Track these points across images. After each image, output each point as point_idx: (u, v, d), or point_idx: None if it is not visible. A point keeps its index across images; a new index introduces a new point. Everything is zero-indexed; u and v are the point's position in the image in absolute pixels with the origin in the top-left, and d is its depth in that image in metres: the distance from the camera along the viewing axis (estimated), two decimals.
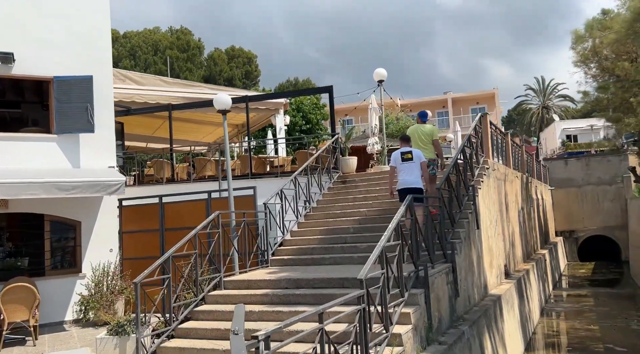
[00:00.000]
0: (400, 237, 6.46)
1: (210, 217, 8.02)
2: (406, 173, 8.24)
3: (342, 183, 12.53)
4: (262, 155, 15.00)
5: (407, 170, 8.26)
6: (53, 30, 10.03)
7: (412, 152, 8.35)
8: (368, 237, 9.35)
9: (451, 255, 8.11)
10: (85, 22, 10.41)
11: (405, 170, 8.27)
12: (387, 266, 5.95)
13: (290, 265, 9.23)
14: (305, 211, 11.05)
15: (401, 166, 8.33)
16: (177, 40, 57.79)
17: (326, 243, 9.65)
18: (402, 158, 8.33)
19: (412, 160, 8.28)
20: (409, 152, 8.36)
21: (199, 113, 17.10)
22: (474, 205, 9.77)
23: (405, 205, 6.88)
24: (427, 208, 7.83)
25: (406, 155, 8.32)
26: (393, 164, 8.52)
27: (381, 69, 16.13)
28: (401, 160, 8.34)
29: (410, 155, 8.31)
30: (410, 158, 8.29)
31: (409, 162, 8.28)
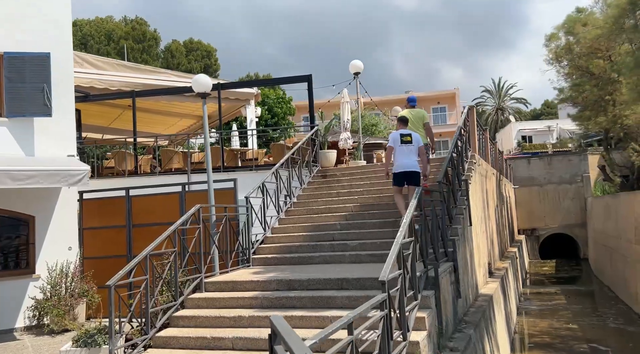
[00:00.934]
0: (413, 233, 5.84)
1: (191, 211, 7.17)
2: (405, 156, 8.05)
3: (323, 177, 11.86)
4: (234, 148, 14.10)
5: (405, 152, 8.07)
6: (3, 1, 8.86)
7: (412, 135, 8.17)
8: (358, 234, 8.73)
9: (452, 253, 7.59)
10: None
11: (403, 153, 8.07)
12: (404, 266, 5.30)
13: (274, 264, 8.47)
14: (287, 207, 10.31)
15: (400, 148, 8.10)
16: (133, 31, 55.43)
17: (313, 240, 8.95)
18: (401, 140, 8.11)
19: (412, 143, 8.10)
20: (408, 135, 8.16)
21: (163, 103, 15.99)
22: (467, 201, 9.33)
23: (416, 198, 6.27)
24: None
25: (406, 138, 8.11)
26: (391, 144, 8.24)
27: (357, 61, 15.59)
28: (400, 142, 8.10)
29: (410, 138, 8.12)
30: (409, 141, 8.10)
31: (408, 145, 8.08)
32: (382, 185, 10.54)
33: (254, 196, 8.98)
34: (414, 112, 9.42)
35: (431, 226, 6.78)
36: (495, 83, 65.04)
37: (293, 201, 10.59)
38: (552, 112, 74.84)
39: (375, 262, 7.81)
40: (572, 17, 14.80)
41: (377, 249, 8.15)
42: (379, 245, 8.20)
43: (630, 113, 12.82)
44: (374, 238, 8.55)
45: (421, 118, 9.39)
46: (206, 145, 8.31)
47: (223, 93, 14.78)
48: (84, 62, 14.24)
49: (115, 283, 5.70)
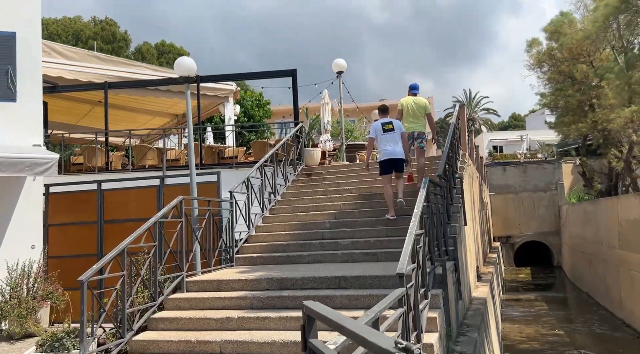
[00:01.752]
0: (424, 226, 5.35)
1: (173, 202, 6.51)
2: (389, 143, 8.09)
3: (307, 175, 11.31)
4: (213, 145, 13.43)
5: (390, 140, 8.11)
6: None
7: (393, 123, 8.22)
8: (349, 232, 8.21)
9: (453, 252, 7.14)
10: None
11: (387, 141, 8.11)
12: (418, 261, 4.80)
13: (261, 263, 7.87)
14: (271, 205, 9.72)
15: (383, 137, 8.15)
16: (102, 31, 53.92)
17: (301, 239, 8.38)
18: (383, 128, 8.14)
19: (394, 131, 8.14)
20: (389, 123, 8.20)
21: (136, 98, 15.19)
22: (462, 199, 8.94)
23: (424, 187, 5.80)
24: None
25: (387, 126, 8.15)
26: (373, 135, 8.26)
27: (340, 60, 15.24)
28: (382, 130, 8.14)
29: (392, 125, 8.17)
30: (391, 129, 8.14)
31: (391, 132, 8.13)
32: (371, 183, 10.08)
33: (239, 191, 8.37)
34: (417, 101, 9.18)
35: (436, 221, 6.32)
36: (467, 94, 66.00)
37: (277, 199, 10.01)
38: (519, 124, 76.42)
39: (369, 261, 7.32)
40: (557, 19, 14.78)
41: (371, 248, 7.66)
42: (372, 244, 7.71)
43: (615, 117, 12.78)
44: (366, 236, 8.05)
45: (423, 108, 9.20)
46: (189, 133, 7.66)
47: (203, 89, 14.13)
48: (52, 51, 13.38)
49: (89, 278, 5.01)
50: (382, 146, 8.17)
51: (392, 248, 7.50)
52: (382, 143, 8.17)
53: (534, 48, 17.17)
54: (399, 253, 7.24)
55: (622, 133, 14.26)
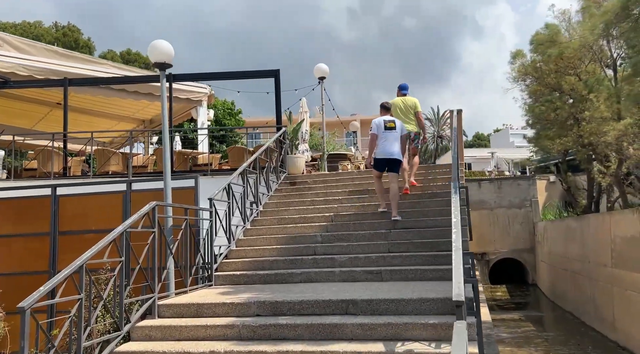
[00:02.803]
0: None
1: (144, 209, 5.39)
2: (389, 142, 7.85)
3: (291, 184, 10.30)
4: (185, 150, 12.27)
5: (389, 139, 7.86)
6: None
7: (396, 122, 7.99)
8: (345, 247, 7.24)
9: (471, 269, 6.23)
10: None
11: (387, 139, 7.85)
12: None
13: (245, 282, 6.78)
14: (253, 216, 8.66)
15: (384, 134, 7.87)
16: (64, 37, 51.78)
17: (290, 254, 7.35)
18: (385, 126, 7.89)
19: (395, 130, 7.91)
20: (392, 121, 7.98)
21: (99, 99, 13.92)
22: (467, 210, 8.13)
23: (456, 192, 4.90)
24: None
25: (390, 124, 7.91)
26: (375, 132, 7.96)
27: (322, 65, 14.41)
28: (384, 128, 7.88)
29: (394, 124, 7.94)
30: (393, 127, 7.91)
31: (392, 131, 7.89)
32: (363, 193, 9.17)
33: (218, 199, 7.29)
34: (406, 101, 9.05)
35: None
36: (434, 111, 66.54)
37: (260, 209, 8.96)
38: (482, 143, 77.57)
39: (373, 280, 6.35)
40: (552, 25, 14.39)
41: (373, 265, 6.71)
42: (374, 260, 6.76)
43: (610, 129, 12.36)
44: (366, 251, 7.09)
45: (413, 106, 9.03)
46: (164, 128, 6.54)
47: (175, 91, 12.99)
48: (4, 43, 12.04)
49: (32, 304, 3.85)
50: (380, 143, 7.87)
51: (396, 266, 6.59)
52: (381, 141, 7.87)
53: (518, 60, 16.83)
54: (406, 272, 6.36)
55: (609, 148, 13.83)
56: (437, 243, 6.95)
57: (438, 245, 6.92)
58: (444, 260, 6.53)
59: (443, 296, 4.83)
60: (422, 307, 4.81)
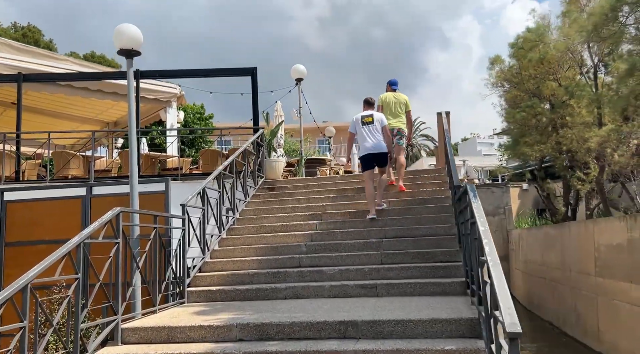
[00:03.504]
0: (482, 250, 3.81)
1: (107, 216, 4.59)
2: (369, 137, 7.53)
3: (270, 189, 9.57)
4: (153, 153, 11.38)
5: (369, 134, 7.54)
6: None
7: (373, 115, 7.69)
8: (334, 258, 6.56)
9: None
10: None
11: (367, 135, 7.54)
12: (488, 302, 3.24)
13: (222, 299, 6.01)
14: (229, 224, 7.89)
15: (362, 130, 7.58)
16: (23, 38, 49.44)
17: (272, 266, 6.62)
18: (362, 121, 7.61)
19: (373, 123, 7.59)
20: (369, 115, 7.68)
21: (59, 97, 12.88)
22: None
23: (476, 196, 4.30)
24: None
25: (367, 119, 7.63)
26: (352, 130, 7.71)
27: (300, 66, 13.80)
28: (362, 123, 7.61)
29: (371, 118, 7.63)
30: (371, 122, 7.60)
31: (370, 125, 7.58)
32: (349, 199, 8.53)
33: (192, 205, 6.51)
34: (397, 97, 8.70)
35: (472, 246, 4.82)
36: None
37: (237, 217, 8.20)
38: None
39: (367, 296, 5.69)
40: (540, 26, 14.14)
41: (366, 278, 6.04)
42: (367, 273, 6.09)
43: (592, 135, 12.13)
44: (357, 263, 6.43)
45: (404, 104, 8.72)
46: (131, 125, 5.74)
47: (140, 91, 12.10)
48: None
49: None
50: (361, 141, 7.58)
51: (392, 279, 5.94)
52: (360, 138, 7.59)
53: (497, 65, 16.60)
54: (403, 286, 5.69)
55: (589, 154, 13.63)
56: (435, 254, 6.34)
57: (436, 256, 6.32)
58: (444, 272, 5.95)
59: (457, 316, 4.20)
60: (433, 329, 4.18)
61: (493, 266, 2.94)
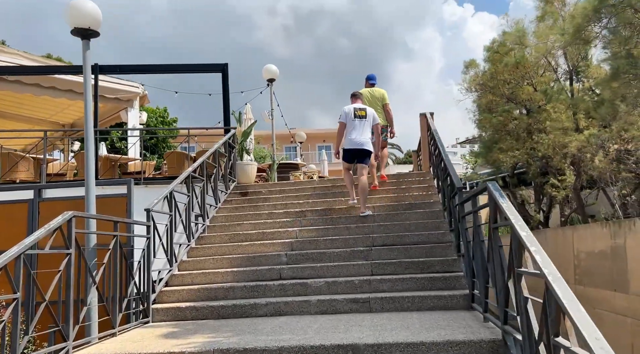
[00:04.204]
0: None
1: (55, 222, 3.79)
2: (358, 131, 7.28)
3: (243, 194, 8.84)
4: (113, 155, 10.44)
5: (359, 128, 7.29)
6: None
7: (367, 110, 7.43)
8: (318, 269, 5.90)
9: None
10: None
11: (356, 128, 7.29)
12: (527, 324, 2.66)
13: (193, 318, 5.25)
14: (199, 232, 7.12)
15: (353, 122, 7.29)
16: None
17: (250, 279, 5.91)
18: (354, 114, 7.32)
19: (366, 118, 7.35)
20: (363, 109, 7.41)
21: (7, 95, 11.80)
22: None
23: (503, 197, 3.72)
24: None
25: (360, 112, 7.35)
26: (343, 120, 7.38)
27: (271, 66, 13.18)
28: (354, 116, 7.31)
29: (365, 112, 7.37)
30: (364, 116, 7.35)
31: (362, 120, 7.33)
32: (330, 204, 7.89)
33: (158, 210, 5.74)
34: (374, 92, 8.63)
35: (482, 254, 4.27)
36: None
37: (207, 224, 7.43)
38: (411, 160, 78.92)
39: (360, 311, 5.05)
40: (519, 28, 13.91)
41: (357, 291, 5.41)
42: (357, 285, 5.46)
43: (572, 140, 11.93)
44: (344, 274, 5.80)
45: (381, 98, 8.60)
46: (87, 118, 4.93)
47: (102, 89, 11.16)
48: None
49: None
50: (350, 133, 7.29)
51: (386, 292, 5.33)
52: (350, 130, 7.30)
53: (471, 69, 16.38)
54: (400, 300, 5.04)
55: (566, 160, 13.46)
56: (430, 263, 5.77)
57: (431, 265, 5.75)
58: (443, 284, 5.37)
59: (476, 337, 3.62)
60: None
61: (555, 281, 2.34)
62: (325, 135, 45.54)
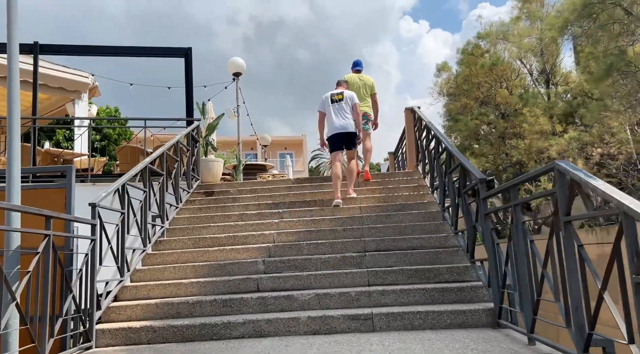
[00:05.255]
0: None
1: None
2: (338, 115, 6.96)
3: (208, 194, 7.73)
4: (54, 149, 9.08)
5: (337, 112, 6.97)
6: None
7: (344, 93, 7.08)
8: (303, 279, 4.91)
9: None
10: None
11: (335, 113, 6.97)
12: None
13: (149, 341, 4.14)
14: (156, 236, 5.99)
15: (331, 107, 7.00)
16: None
17: (220, 291, 4.85)
18: (332, 99, 7.04)
19: (343, 101, 6.99)
20: (340, 93, 7.08)
21: None
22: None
23: (584, 176, 2.83)
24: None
25: (337, 96, 7.04)
26: (321, 109, 7.11)
27: (238, 59, 12.21)
28: (331, 101, 7.03)
29: (342, 95, 7.04)
30: (341, 99, 7.01)
31: (339, 103, 7.00)
32: (309, 205, 6.93)
33: (106, 207, 4.62)
34: (363, 79, 8.09)
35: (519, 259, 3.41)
36: None
37: (166, 227, 6.31)
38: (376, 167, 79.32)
39: (361, 331, 4.10)
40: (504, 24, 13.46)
41: (354, 305, 4.46)
42: (355, 299, 4.50)
43: (553, 143, 11.47)
44: (337, 284, 4.84)
45: (370, 86, 8.12)
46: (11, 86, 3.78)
47: (44, 77, 9.77)
48: None
49: None
50: (329, 120, 6.98)
51: (390, 306, 4.41)
52: (329, 116, 6.98)
53: (444, 73, 15.85)
54: (408, 316, 4.00)
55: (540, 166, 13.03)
56: (437, 272, 4.88)
57: (439, 274, 4.87)
58: (457, 296, 4.49)
59: None
60: None
61: None
62: (287, 143, 44.58)
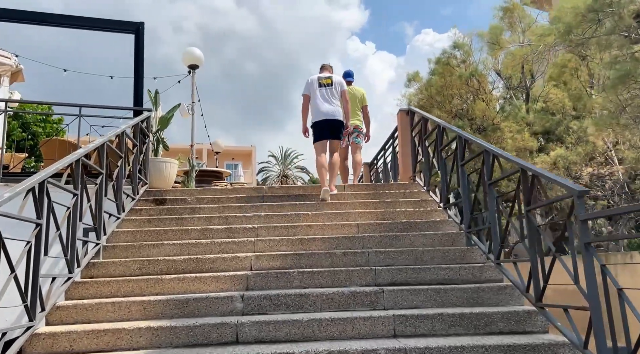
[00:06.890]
0: None
1: None
2: (325, 101, 6.46)
3: (158, 203, 6.09)
4: None
5: (325, 97, 6.47)
6: None
7: (333, 78, 6.59)
8: (304, 326, 3.51)
9: None
10: None
11: (323, 98, 6.48)
12: None
13: None
14: (89, 256, 4.37)
15: (318, 91, 6.47)
16: None
17: (180, 343, 3.33)
18: (319, 83, 6.53)
19: (332, 86, 6.53)
20: (328, 77, 6.58)
21: None
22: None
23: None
24: None
25: (325, 80, 6.55)
26: (307, 92, 6.55)
27: (194, 49, 10.74)
28: (318, 85, 6.51)
29: (330, 80, 6.56)
30: (329, 83, 6.54)
31: (328, 88, 6.52)
32: (292, 218, 5.49)
33: (14, 215, 3.02)
34: (354, 90, 7.69)
35: None
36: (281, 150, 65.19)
37: (103, 243, 4.68)
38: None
39: None
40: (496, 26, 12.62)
41: None
42: None
43: (538, 161, 10.66)
44: (351, 335, 3.45)
45: (361, 99, 7.77)
46: None
47: None
48: None
49: None
50: (315, 105, 6.43)
51: None
52: (315, 101, 6.43)
53: (415, 83, 14.92)
54: None
55: None
56: (489, 318, 3.59)
57: (492, 321, 3.57)
58: None
59: None
60: None
61: None
62: (235, 153, 42.86)
